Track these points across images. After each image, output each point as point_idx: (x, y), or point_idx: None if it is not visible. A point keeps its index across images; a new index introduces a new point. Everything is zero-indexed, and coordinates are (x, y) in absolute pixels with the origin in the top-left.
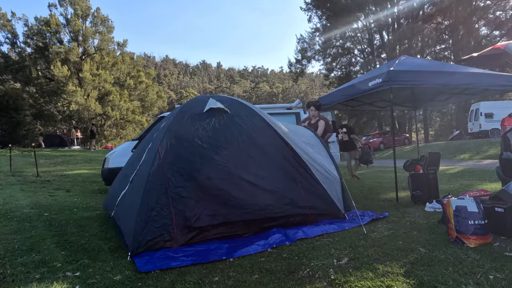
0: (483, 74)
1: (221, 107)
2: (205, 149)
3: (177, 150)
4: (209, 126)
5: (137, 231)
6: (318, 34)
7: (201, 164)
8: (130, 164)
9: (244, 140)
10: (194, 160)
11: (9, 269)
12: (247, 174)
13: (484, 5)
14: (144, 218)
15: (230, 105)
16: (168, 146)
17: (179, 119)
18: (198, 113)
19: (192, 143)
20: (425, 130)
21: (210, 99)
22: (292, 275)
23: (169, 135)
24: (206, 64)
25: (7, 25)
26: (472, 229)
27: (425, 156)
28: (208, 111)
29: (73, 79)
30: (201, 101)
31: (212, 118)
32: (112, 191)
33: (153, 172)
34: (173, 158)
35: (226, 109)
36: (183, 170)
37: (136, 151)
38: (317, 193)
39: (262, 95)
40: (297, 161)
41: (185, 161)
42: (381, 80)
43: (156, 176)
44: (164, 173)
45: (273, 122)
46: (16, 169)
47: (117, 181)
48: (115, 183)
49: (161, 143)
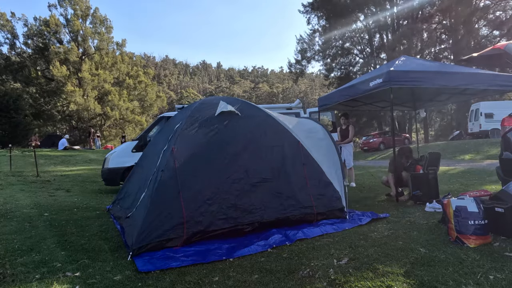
0: (483, 74)
1: (232, 110)
2: (216, 153)
3: (190, 154)
4: (220, 129)
5: (143, 231)
6: (318, 35)
7: (214, 168)
8: (141, 165)
9: (255, 141)
10: (206, 164)
11: (9, 269)
12: (257, 176)
13: (484, 5)
14: (152, 220)
15: (241, 107)
16: (181, 149)
17: (191, 123)
18: (210, 116)
19: (205, 148)
20: (425, 130)
21: (221, 102)
22: (292, 275)
23: (182, 139)
24: (206, 64)
25: (7, 25)
26: (472, 229)
27: (425, 156)
28: (219, 114)
29: (72, 79)
30: (212, 103)
31: (223, 121)
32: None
33: (165, 174)
34: (185, 161)
35: (237, 112)
36: (196, 173)
37: (145, 152)
38: (324, 192)
39: (262, 95)
40: (307, 158)
41: (197, 165)
42: (382, 80)
43: (168, 178)
44: (176, 176)
45: (283, 122)
46: (16, 169)
47: (129, 182)
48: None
49: (175, 146)
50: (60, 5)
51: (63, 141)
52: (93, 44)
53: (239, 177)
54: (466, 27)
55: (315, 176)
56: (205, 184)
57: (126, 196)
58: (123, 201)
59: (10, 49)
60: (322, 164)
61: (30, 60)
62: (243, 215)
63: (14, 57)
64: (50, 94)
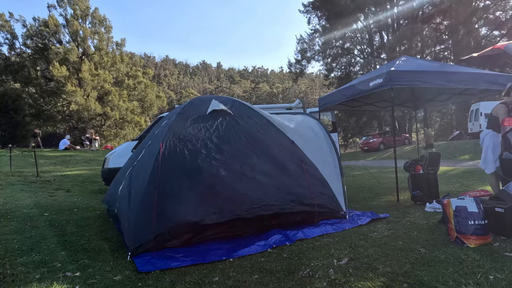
0: (483, 74)
1: (224, 108)
2: (208, 149)
3: (180, 150)
4: (212, 127)
5: (137, 231)
6: (318, 35)
7: (204, 164)
8: (131, 163)
9: (248, 140)
10: (197, 160)
11: (9, 269)
12: (253, 171)
13: (484, 5)
14: (145, 218)
15: (233, 106)
16: (170, 147)
17: (181, 120)
18: (201, 115)
19: (195, 144)
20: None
21: (213, 101)
22: (292, 275)
23: (171, 136)
24: (206, 64)
25: (6, 26)
26: (472, 229)
27: (425, 156)
28: (211, 112)
29: (72, 79)
30: (203, 102)
31: (215, 119)
32: (112, 189)
33: (154, 172)
34: (175, 158)
35: (229, 111)
36: (186, 170)
37: (137, 150)
38: (322, 190)
39: (262, 95)
40: (302, 158)
41: (188, 162)
42: (382, 80)
43: (158, 176)
44: (166, 173)
45: (276, 121)
46: (16, 169)
47: (118, 179)
48: (115, 182)
49: (163, 142)
50: (59, 6)
51: (64, 141)
52: (92, 44)
53: (233, 171)
54: (466, 27)
55: (312, 175)
56: (196, 179)
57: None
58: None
59: (10, 49)
60: (318, 163)
61: (29, 60)
62: (241, 208)
63: (13, 57)
64: (50, 94)
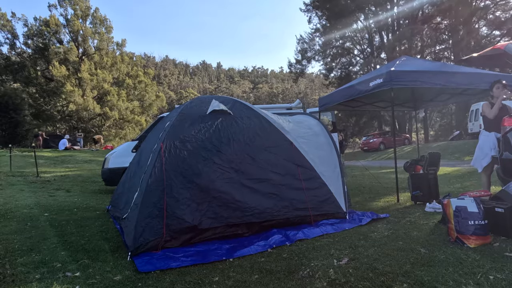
0: (483, 74)
1: (224, 109)
2: (207, 151)
3: (180, 152)
4: (211, 128)
5: (137, 231)
6: (318, 35)
7: (204, 167)
8: (134, 164)
9: (246, 142)
10: (196, 162)
11: (9, 269)
12: (249, 177)
13: (484, 5)
14: (145, 219)
15: (233, 106)
16: (170, 148)
17: (181, 121)
18: (201, 115)
19: (195, 145)
20: (425, 130)
21: (213, 101)
22: (292, 275)
23: (172, 137)
24: (206, 64)
25: (7, 25)
26: (472, 230)
27: (425, 156)
28: (211, 112)
29: (71, 79)
30: (203, 102)
31: (214, 120)
32: (117, 191)
33: (155, 173)
34: (175, 160)
35: (229, 111)
36: (186, 172)
37: (139, 151)
38: (319, 193)
39: (262, 95)
40: (301, 160)
41: (187, 163)
42: (382, 80)
43: (158, 177)
44: (166, 175)
45: (276, 122)
46: (16, 169)
47: (122, 181)
48: (120, 184)
49: (164, 144)
50: (60, 5)
51: (64, 141)
52: (93, 44)
53: (230, 176)
54: (466, 27)
55: (309, 177)
56: (195, 182)
57: (121, 196)
58: (119, 201)
59: (10, 49)
60: (317, 165)
61: (30, 60)
62: (234, 215)
63: (14, 57)
64: (50, 94)
